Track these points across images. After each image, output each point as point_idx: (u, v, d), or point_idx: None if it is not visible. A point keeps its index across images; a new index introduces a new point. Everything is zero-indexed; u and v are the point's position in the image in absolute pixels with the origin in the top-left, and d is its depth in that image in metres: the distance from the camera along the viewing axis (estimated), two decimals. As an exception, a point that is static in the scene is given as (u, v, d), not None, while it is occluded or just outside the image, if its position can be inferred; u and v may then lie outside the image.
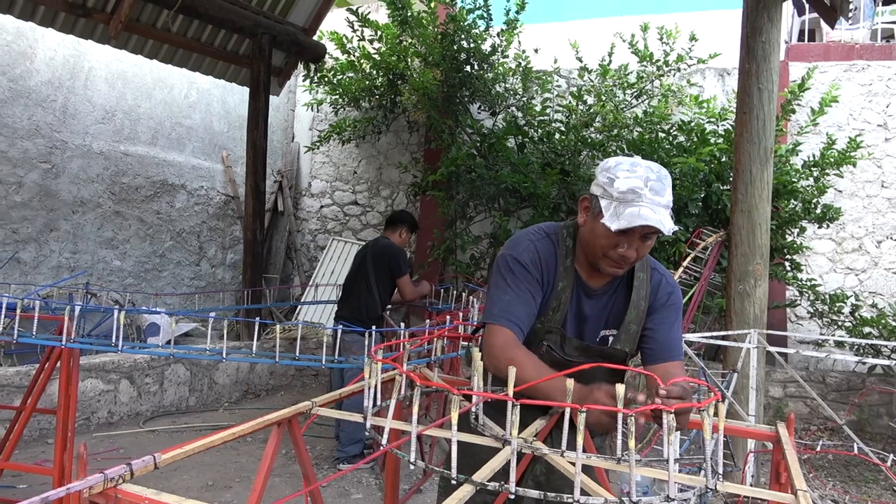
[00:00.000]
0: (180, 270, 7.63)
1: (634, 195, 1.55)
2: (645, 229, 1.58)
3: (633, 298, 1.76)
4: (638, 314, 1.76)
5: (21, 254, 6.06)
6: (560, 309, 1.75)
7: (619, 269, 1.68)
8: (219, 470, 4.25)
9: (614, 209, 1.58)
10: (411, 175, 7.87)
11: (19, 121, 6.01)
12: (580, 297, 1.77)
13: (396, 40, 7.06)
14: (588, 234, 1.69)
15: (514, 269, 1.72)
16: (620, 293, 1.79)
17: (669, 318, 1.79)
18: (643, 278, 1.78)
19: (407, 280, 4.64)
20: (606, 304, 1.80)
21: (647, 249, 1.67)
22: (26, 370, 4.69)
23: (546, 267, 1.74)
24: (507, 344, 1.62)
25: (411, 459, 1.16)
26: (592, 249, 1.69)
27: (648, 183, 1.56)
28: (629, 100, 6.78)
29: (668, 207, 1.59)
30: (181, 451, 1.27)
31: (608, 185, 1.60)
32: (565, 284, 1.74)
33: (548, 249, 1.76)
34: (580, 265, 1.77)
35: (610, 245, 1.63)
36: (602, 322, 1.80)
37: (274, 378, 6.64)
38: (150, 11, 6.02)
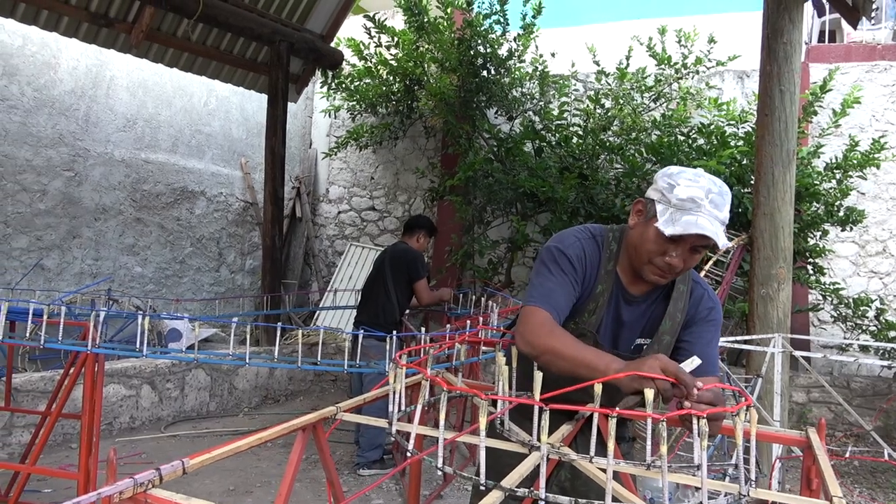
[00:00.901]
0: (200, 276, 7.70)
1: (693, 204, 1.53)
2: (697, 240, 1.55)
3: (670, 310, 1.74)
4: (673, 326, 1.74)
5: (45, 261, 6.14)
6: (596, 312, 1.73)
7: (663, 277, 1.66)
8: (240, 475, 4.27)
9: (670, 215, 1.56)
10: (428, 180, 7.88)
11: (43, 130, 6.10)
12: (619, 302, 1.75)
13: (413, 46, 7.09)
14: (637, 237, 1.67)
15: (559, 260, 1.70)
16: (660, 303, 1.77)
17: (708, 333, 1.75)
18: (683, 290, 1.76)
19: (424, 284, 4.65)
20: (645, 312, 1.77)
21: (694, 262, 1.64)
22: (50, 375, 4.75)
23: (589, 267, 1.72)
24: (545, 322, 1.59)
25: (439, 465, 1.15)
26: (639, 254, 1.66)
27: (710, 195, 1.54)
28: (647, 103, 6.74)
29: (724, 224, 1.56)
30: (209, 457, 1.27)
31: (667, 190, 1.58)
32: (604, 288, 1.73)
33: (592, 250, 1.74)
34: (622, 270, 1.75)
35: (658, 251, 1.61)
36: (638, 330, 1.77)
37: (293, 383, 6.67)
38: (171, 21, 6.10)
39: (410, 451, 1.25)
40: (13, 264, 5.92)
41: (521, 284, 7.47)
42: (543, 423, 1.05)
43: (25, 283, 5.86)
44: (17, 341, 2.79)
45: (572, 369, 1.49)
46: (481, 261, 6.93)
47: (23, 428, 4.50)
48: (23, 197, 5.96)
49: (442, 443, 1.17)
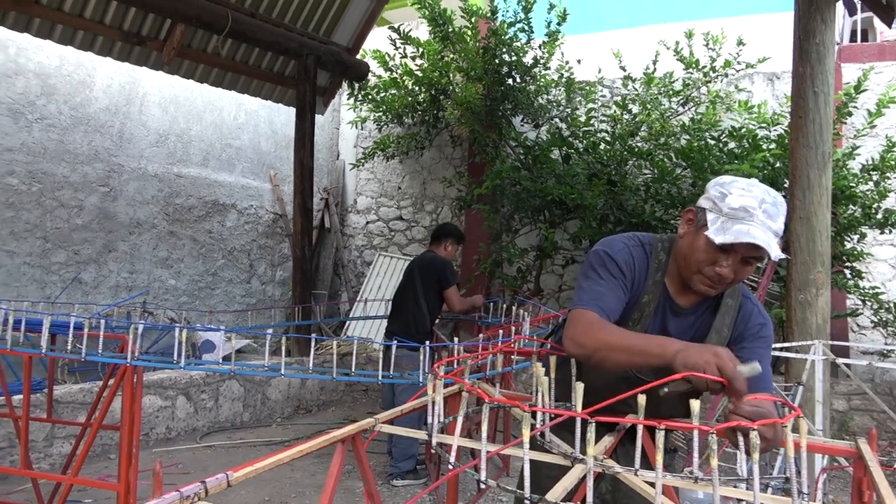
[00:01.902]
0: (232, 288, 7.80)
1: (746, 213, 1.49)
2: (749, 250, 1.51)
3: (716, 324, 1.70)
4: (719, 340, 1.69)
5: (82, 274, 6.28)
6: (641, 322, 1.70)
7: (713, 288, 1.62)
8: (275, 486, 4.30)
9: (721, 224, 1.52)
10: (455, 189, 7.90)
11: (80, 146, 6.25)
12: (665, 313, 1.72)
13: (438, 56, 7.12)
14: (687, 247, 1.64)
15: (608, 264, 1.68)
16: (707, 316, 1.73)
17: (761, 349, 1.70)
18: (731, 305, 1.72)
19: (454, 291, 4.64)
20: (692, 324, 1.73)
21: (746, 274, 1.59)
22: (89, 387, 4.84)
23: (637, 275, 1.70)
24: (595, 321, 1.56)
25: (483, 478, 1.14)
26: (688, 263, 1.63)
27: (763, 205, 1.50)
28: (675, 107, 6.68)
29: (779, 236, 1.51)
30: (252, 469, 1.28)
31: (719, 199, 1.54)
32: (651, 298, 1.70)
33: (641, 258, 1.72)
34: (671, 281, 1.73)
35: (708, 261, 1.57)
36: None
37: (325, 393, 6.70)
38: (201, 37, 6.22)
39: (452, 463, 1.25)
40: (52, 278, 6.06)
41: (550, 293, 7.43)
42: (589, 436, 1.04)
43: (64, 296, 5.99)
44: (60, 354, 2.85)
45: (629, 359, 1.46)
46: (510, 269, 6.91)
47: (63, 439, 4.59)
48: (61, 212, 6.11)
49: (485, 455, 1.16)
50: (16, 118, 5.77)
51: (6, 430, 4.30)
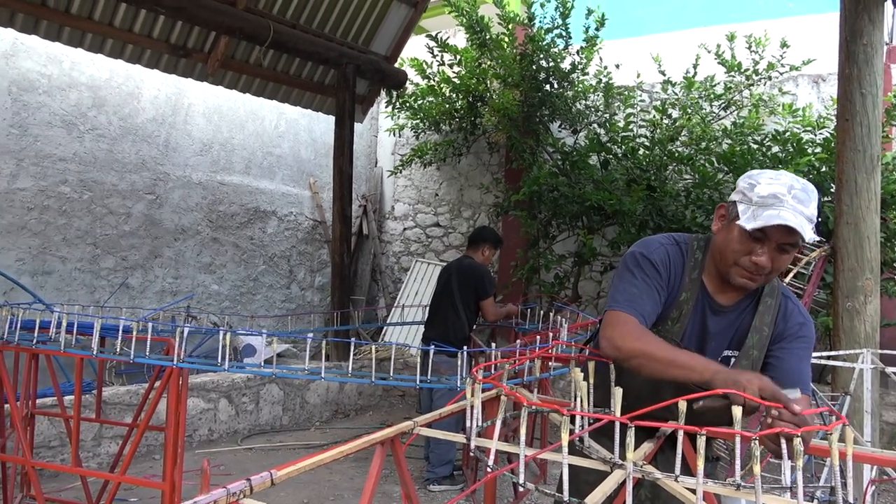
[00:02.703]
0: (272, 293, 7.94)
1: (776, 199, 1.51)
2: (782, 235, 1.52)
3: (756, 323, 1.69)
4: (760, 339, 1.68)
5: (130, 279, 6.47)
6: (680, 320, 1.69)
7: (751, 279, 1.61)
8: (313, 488, 4.35)
9: (752, 212, 1.53)
10: (493, 195, 7.90)
11: (128, 156, 6.46)
12: (705, 312, 1.71)
13: (475, 63, 7.15)
14: (722, 241, 1.64)
15: (643, 265, 1.69)
16: (748, 314, 1.71)
17: (800, 350, 1.69)
18: (770, 304, 1.71)
19: (491, 302, 4.64)
20: (732, 323, 1.72)
21: (783, 263, 1.59)
22: (135, 389, 4.98)
23: (673, 273, 1.70)
24: (632, 326, 1.57)
25: (521, 482, 1.15)
26: (725, 257, 1.63)
27: (792, 191, 1.51)
28: (717, 111, 6.57)
29: (812, 221, 1.52)
30: (295, 468, 1.32)
31: (748, 189, 1.56)
32: (689, 296, 1.70)
33: (677, 256, 1.72)
34: (709, 279, 1.72)
35: (743, 251, 1.58)
36: (725, 342, 1.72)
37: (362, 398, 6.76)
38: (244, 48, 6.37)
39: (490, 466, 1.26)
40: (101, 283, 6.27)
41: (588, 299, 7.37)
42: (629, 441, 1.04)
43: (112, 301, 6.18)
44: (110, 356, 2.95)
45: (665, 371, 1.47)
46: (547, 275, 6.87)
47: (110, 439, 4.73)
48: (110, 219, 6.32)
49: (523, 459, 1.17)
50: (69, 129, 6.00)
51: (58, 430, 4.46)
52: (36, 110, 5.78)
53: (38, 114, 5.79)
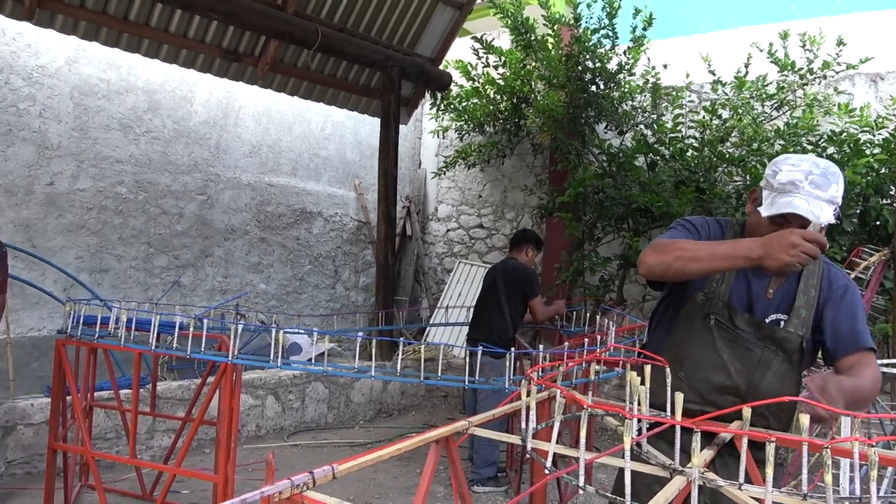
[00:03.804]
0: (317, 293, 8.07)
1: (793, 186, 1.62)
2: (799, 220, 1.60)
3: (802, 286, 1.79)
4: (808, 300, 1.79)
5: (181, 278, 6.66)
6: (724, 281, 1.81)
7: None
8: (358, 486, 4.40)
9: (771, 199, 1.66)
10: (537, 197, 7.86)
11: (180, 158, 6.65)
12: (747, 273, 1.81)
13: (520, 64, 7.13)
14: (753, 224, 1.79)
15: (685, 224, 1.88)
16: (792, 278, 1.81)
17: (852, 308, 1.78)
18: (812, 269, 1.80)
19: (539, 301, 4.63)
20: (778, 286, 1.81)
21: None
22: (187, 384, 5.12)
23: (712, 237, 1.84)
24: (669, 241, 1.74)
25: (581, 484, 1.15)
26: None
27: (809, 177, 1.61)
28: (769, 112, 6.41)
29: (832, 203, 1.62)
30: (355, 463, 1.34)
31: (771, 176, 1.69)
32: None
33: (715, 226, 1.89)
34: None
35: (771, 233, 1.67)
36: (773, 306, 1.81)
37: (405, 398, 6.81)
38: (293, 52, 6.49)
39: (548, 468, 1.26)
40: (155, 281, 6.46)
41: (633, 302, 7.27)
42: (694, 445, 1.03)
43: (165, 298, 6.37)
44: (168, 351, 3.04)
45: (712, 265, 1.62)
46: (592, 278, 6.80)
47: (163, 432, 4.87)
48: (163, 219, 6.51)
49: (583, 462, 1.17)
50: (125, 132, 6.21)
51: (113, 422, 4.61)
52: (95, 114, 5.99)
53: (98, 117, 6.01)
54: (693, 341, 1.83)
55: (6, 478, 4.13)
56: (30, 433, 4.27)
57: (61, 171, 5.77)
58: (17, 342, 5.40)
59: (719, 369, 1.79)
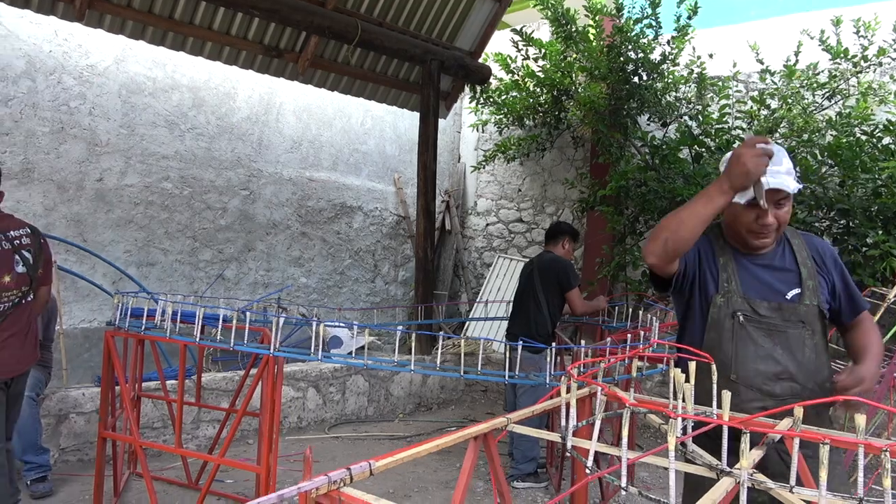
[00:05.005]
0: (357, 287, 8.13)
1: None
2: (772, 196, 1.82)
3: (799, 259, 1.96)
4: (808, 270, 1.94)
5: (225, 271, 6.79)
6: (733, 278, 1.94)
7: (766, 237, 1.90)
8: (398, 479, 4.42)
9: (743, 195, 1.81)
10: (577, 191, 7.77)
11: (224, 153, 6.77)
12: (744, 263, 1.96)
13: (561, 56, 7.04)
14: (730, 219, 1.96)
15: None
16: (788, 255, 1.98)
17: (845, 274, 2.00)
18: (798, 243, 1.99)
19: (577, 293, 4.56)
20: (777, 266, 1.96)
21: (786, 214, 1.89)
22: (231, 376, 5.22)
23: (702, 248, 1.99)
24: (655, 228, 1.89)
25: (623, 485, 1.12)
26: (737, 230, 1.94)
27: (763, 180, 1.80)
28: (820, 101, 6.18)
29: (790, 173, 1.84)
30: (392, 460, 1.33)
31: None
32: (726, 258, 1.98)
33: (702, 239, 2.01)
34: (734, 243, 2.00)
35: (749, 219, 1.88)
36: (787, 285, 1.93)
37: (444, 392, 6.82)
38: (333, 48, 6.53)
39: (589, 467, 1.23)
40: (199, 274, 6.60)
41: (676, 297, 7.11)
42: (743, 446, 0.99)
43: (209, 291, 6.50)
44: (212, 343, 3.10)
45: (695, 217, 1.78)
46: (634, 273, 6.69)
47: (207, 422, 4.98)
48: (207, 214, 6.64)
49: (625, 461, 1.13)
50: (171, 128, 6.34)
51: (160, 412, 4.73)
52: (142, 111, 6.14)
53: (144, 114, 6.15)
54: (731, 341, 1.91)
55: (59, 464, 4.28)
56: (81, 421, 4.42)
57: (110, 167, 5.93)
58: (69, 333, 5.59)
59: (764, 359, 1.88)
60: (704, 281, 1.97)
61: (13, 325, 2.93)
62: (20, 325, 2.98)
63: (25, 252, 2.97)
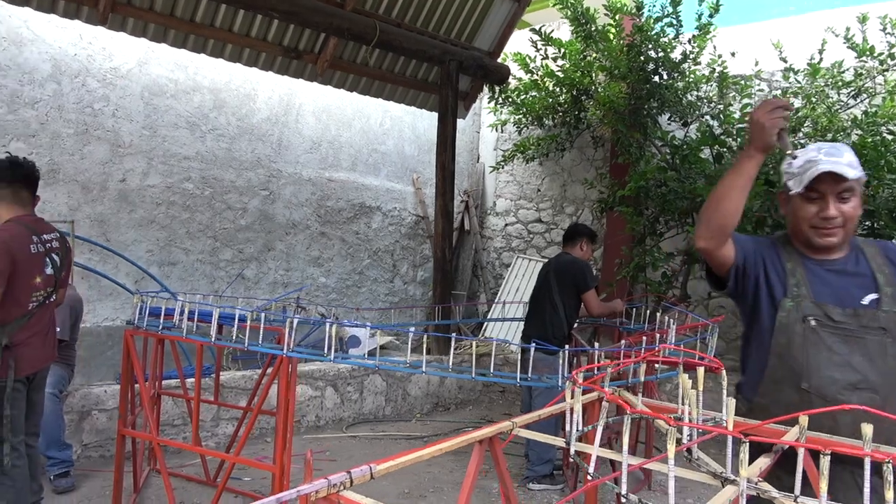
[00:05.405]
0: (376, 287, 8.17)
1: (811, 162, 1.74)
2: (832, 185, 1.73)
3: (873, 267, 1.83)
4: (885, 277, 1.81)
5: (245, 271, 6.86)
6: (802, 283, 1.83)
7: (830, 234, 1.79)
8: (413, 479, 4.43)
9: (797, 180, 1.76)
10: (597, 191, 7.71)
11: (244, 154, 6.84)
12: (814, 268, 1.85)
13: (580, 56, 6.99)
14: (791, 218, 1.87)
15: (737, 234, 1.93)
16: (862, 262, 1.85)
17: None
18: (871, 251, 1.87)
19: (593, 294, 4.53)
20: (850, 270, 1.85)
21: (851, 211, 1.77)
22: (250, 374, 5.28)
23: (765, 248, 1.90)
24: None
25: (623, 492, 1.11)
26: (799, 227, 1.84)
27: (822, 150, 1.76)
28: (845, 100, 6.07)
29: (852, 166, 1.72)
30: (394, 463, 1.34)
31: (788, 167, 1.81)
32: (794, 263, 1.86)
33: (763, 239, 1.96)
34: (801, 247, 1.89)
35: (810, 214, 1.79)
36: (861, 288, 1.81)
37: (462, 392, 6.82)
38: (351, 49, 6.57)
39: (591, 474, 1.22)
40: (220, 274, 6.68)
41: (698, 299, 7.05)
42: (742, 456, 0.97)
43: (229, 290, 6.58)
44: (226, 343, 3.13)
45: (730, 186, 1.75)
46: (654, 274, 6.62)
47: (227, 420, 5.04)
48: (228, 214, 6.71)
49: (626, 468, 1.13)
50: (192, 130, 6.43)
51: (181, 410, 4.80)
52: (164, 113, 6.23)
53: (166, 116, 6.24)
54: (802, 347, 1.77)
55: (82, 460, 4.37)
56: (104, 418, 4.50)
57: (133, 168, 6.03)
58: (93, 331, 5.69)
59: (840, 366, 1.74)
60: (770, 285, 1.85)
61: (37, 324, 3.06)
62: (43, 324, 3.11)
63: (55, 255, 3.14)
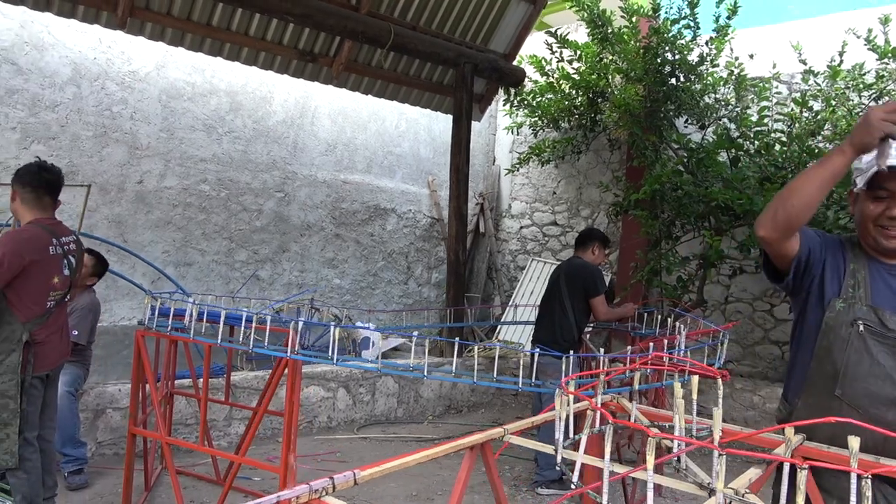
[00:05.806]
0: (390, 288, 8.19)
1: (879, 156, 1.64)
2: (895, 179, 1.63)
3: None
4: None
5: (260, 272, 6.92)
6: (861, 285, 1.74)
7: None
8: (422, 481, 4.43)
9: (864, 176, 1.68)
10: (612, 194, 7.66)
11: (260, 156, 6.90)
12: (881, 273, 1.75)
13: (596, 58, 6.95)
14: (859, 216, 1.77)
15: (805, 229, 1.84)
16: None
17: None
18: None
19: (601, 300, 4.51)
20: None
21: None
22: (262, 374, 5.32)
23: (831, 246, 1.81)
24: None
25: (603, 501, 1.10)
26: (866, 226, 1.74)
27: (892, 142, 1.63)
28: (866, 103, 5.95)
29: None
30: (378, 469, 1.34)
31: (858, 163, 1.70)
32: (858, 265, 1.77)
33: (832, 237, 1.87)
34: (870, 250, 1.79)
35: (877, 212, 1.70)
36: None
37: (475, 395, 6.81)
38: (366, 52, 6.60)
39: (575, 483, 1.21)
40: (235, 275, 6.74)
41: (714, 304, 6.97)
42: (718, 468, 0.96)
43: (244, 291, 6.64)
44: (231, 345, 3.17)
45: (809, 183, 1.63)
46: (669, 278, 6.55)
47: (239, 420, 5.08)
48: (243, 216, 6.78)
49: (607, 478, 1.11)
50: (209, 132, 6.50)
51: (194, 409, 4.85)
52: (181, 115, 6.30)
53: (183, 118, 6.32)
54: (843, 353, 1.69)
55: (96, 457, 4.43)
56: (118, 416, 4.56)
57: (150, 169, 6.11)
58: (109, 330, 5.78)
59: (881, 379, 1.65)
60: (825, 282, 1.77)
61: (55, 323, 3.18)
62: (59, 323, 3.23)
63: (71, 257, 3.23)
